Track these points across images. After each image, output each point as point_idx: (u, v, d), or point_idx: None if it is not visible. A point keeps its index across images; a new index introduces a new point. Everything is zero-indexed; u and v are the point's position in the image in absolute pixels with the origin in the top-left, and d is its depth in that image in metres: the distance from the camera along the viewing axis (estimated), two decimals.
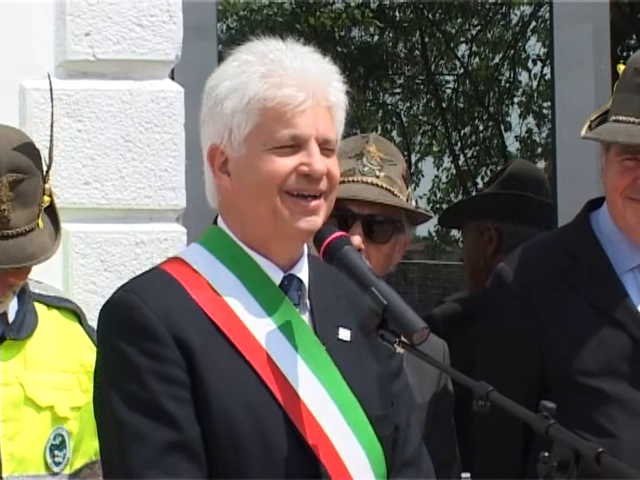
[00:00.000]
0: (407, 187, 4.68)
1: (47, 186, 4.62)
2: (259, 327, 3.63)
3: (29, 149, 4.61)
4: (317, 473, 3.58)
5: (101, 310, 3.70)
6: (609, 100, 4.64)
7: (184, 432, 3.54)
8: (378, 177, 4.53)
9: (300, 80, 3.61)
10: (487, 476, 4.54)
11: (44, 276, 4.82)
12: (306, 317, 3.71)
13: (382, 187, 4.53)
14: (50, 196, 4.70)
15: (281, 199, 3.58)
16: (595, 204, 4.67)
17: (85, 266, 5.11)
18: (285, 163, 3.58)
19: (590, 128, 4.60)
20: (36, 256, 4.57)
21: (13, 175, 4.53)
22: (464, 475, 4.70)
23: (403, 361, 4.26)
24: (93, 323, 4.28)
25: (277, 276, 3.64)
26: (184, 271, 3.69)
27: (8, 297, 4.57)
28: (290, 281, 3.68)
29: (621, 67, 4.69)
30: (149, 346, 3.57)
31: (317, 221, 3.60)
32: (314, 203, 3.59)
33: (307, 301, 3.72)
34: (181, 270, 3.69)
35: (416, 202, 5.01)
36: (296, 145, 3.58)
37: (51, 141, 4.81)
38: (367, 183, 4.45)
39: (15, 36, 4.93)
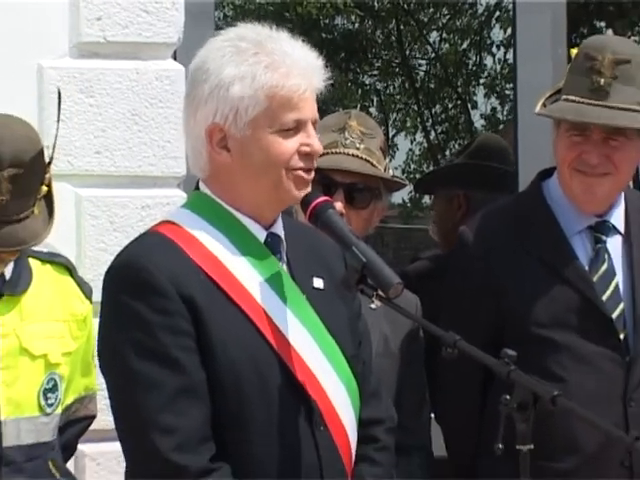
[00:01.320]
0: (385, 158, 4.67)
1: (47, 176, 4.60)
2: (250, 281, 3.64)
3: (32, 143, 4.58)
4: (308, 407, 3.59)
5: (107, 272, 3.70)
6: (562, 81, 4.63)
7: (192, 377, 3.54)
8: (359, 149, 4.51)
9: (302, 69, 3.63)
10: (450, 415, 4.55)
11: (59, 237, 4.79)
12: (285, 269, 3.73)
13: (362, 158, 4.51)
14: (48, 185, 4.64)
15: (286, 175, 3.61)
16: (546, 173, 4.67)
17: (96, 227, 5.09)
18: (289, 145, 3.60)
19: (544, 106, 4.61)
20: (27, 241, 4.55)
21: (14, 170, 4.50)
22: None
23: (380, 313, 4.31)
24: (101, 278, 4.07)
25: (261, 234, 3.66)
26: (179, 232, 3.68)
27: (0, 268, 4.56)
28: (272, 238, 3.70)
29: (574, 51, 4.65)
30: (158, 302, 3.57)
31: (309, 190, 3.66)
32: (310, 176, 3.64)
33: (284, 254, 3.73)
34: (176, 232, 3.69)
35: (393, 172, 5.03)
36: (297, 127, 3.60)
37: (56, 134, 4.66)
38: (349, 154, 4.43)
39: (33, 20, 4.91)
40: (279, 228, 3.74)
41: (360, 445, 3.75)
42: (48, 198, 4.60)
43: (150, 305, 3.58)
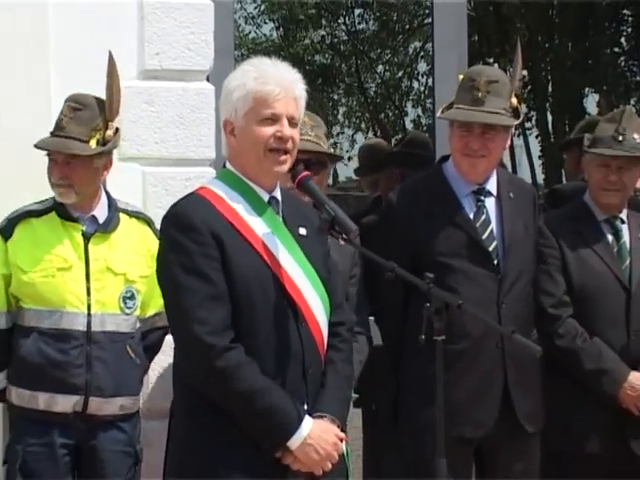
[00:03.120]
0: (327, 141, 4.61)
1: (108, 132, 4.48)
2: (257, 226, 3.61)
3: (98, 101, 4.49)
4: (294, 311, 3.57)
5: (164, 218, 3.68)
6: (454, 95, 4.61)
7: (218, 288, 3.52)
8: (310, 135, 4.44)
9: (278, 80, 3.58)
10: (385, 317, 4.49)
11: (130, 198, 4.74)
12: (281, 220, 3.67)
13: (313, 141, 4.46)
14: (107, 138, 4.50)
15: (264, 153, 3.57)
16: (445, 158, 4.62)
17: (155, 193, 5.01)
18: (267, 131, 3.56)
19: (442, 112, 4.58)
20: (70, 149, 4.43)
21: (74, 103, 4.44)
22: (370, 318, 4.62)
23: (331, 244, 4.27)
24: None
25: (265, 196, 3.62)
26: (210, 194, 3.65)
27: (68, 189, 4.45)
28: (272, 199, 3.66)
29: (461, 76, 4.60)
30: (195, 237, 3.54)
31: (284, 168, 3.61)
32: (283, 157, 3.59)
33: (280, 211, 3.69)
34: (209, 193, 3.65)
35: (334, 149, 5.04)
36: (274, 119, 3.55)
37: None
38: (303, 139, 4.30)
39: (114, 55, 4.69)
40: (278, 193, 3.68)
41: (329, 338, 3.70)
42: (109, 152, 4.47)
43: (190, 238, 3.55)
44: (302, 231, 3.71)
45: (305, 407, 3.51)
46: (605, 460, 4.51)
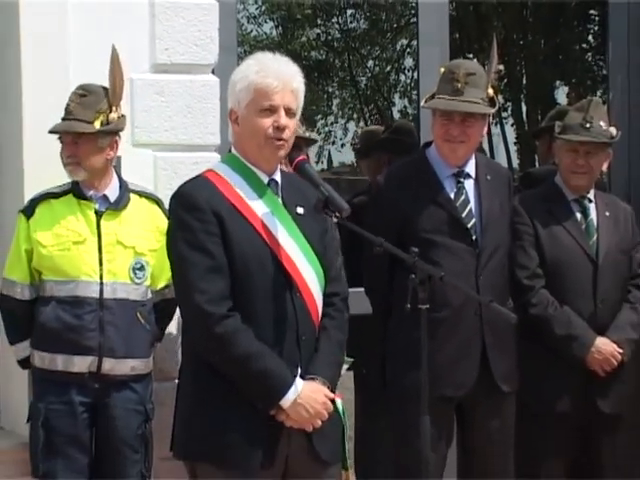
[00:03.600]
0: (303, 125, 4.57)
1: (112, 115, 4.46)
2: (257, 207, 3.59)
3: (103, 88, 4.47)
4: (289, 283, 3.55)
5: (172, 197, 3.66)
6: (436, 86, 4.61)
7: (218, 261, 3.50)
8: None
9: (276, 74, 3.56)
10: (373, 287, 4.46)
11: (143, 180, 4.74)
12: (280, 200, 3.65)
13: None
14: (111, 120, 4.47)
15: (264, 140, 3.54)
16: (428, 144, 4.61)
17: (165, 176, 4.93)
18: (266, 121, 3.53)
19: (425, 102, 4.54)
20: (74, 130, 4.40)
21: (81, 90, 4.41)
22: (358, 289, 4.51)
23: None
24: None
25: (265, 179, 3.60)
26: (215, 176, 3.64)
27: (77, 167, 4.44)
28: (272, 181, 3.64)
29: (442, 69, 4.60)
30: (199, 215, 3.52)
31: (282, 153, 3.58)
32: (279, 143, 3.54)
33: (280, 192, 3.66)
34: (213, 176, 3.64)
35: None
36: (272, 110, 3.52)
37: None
38: None
39: (127, 50, 4.73)
40: (277, 176, 3.65)
41: (324, 308, 3.68)
42: (113, 132, 4.43)
43: (194, 217, 3.53)
44: (300, 210, 3.65)
45: (299, 370, 3.49)
46: (574, 417, 4.49)
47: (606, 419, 4.51)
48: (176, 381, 4.33)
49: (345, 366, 4.04)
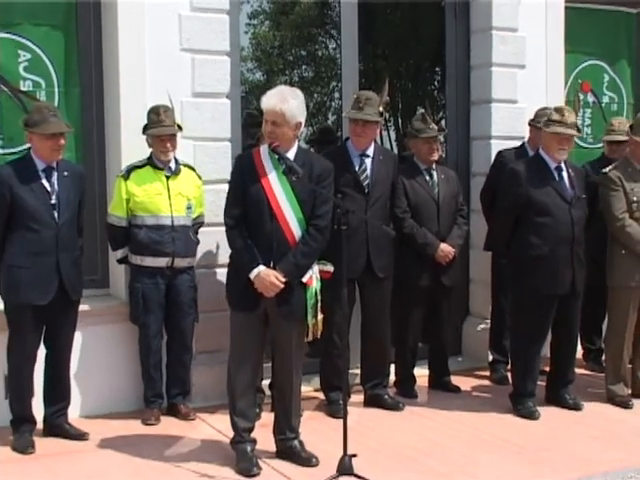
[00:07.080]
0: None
1: (178, 123, 5.16)
2: (269, 172, 4.26)
3: (171, 108, 5.17)
4: (273, 216, 4.21)
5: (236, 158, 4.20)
6: (350, 106, 5.35)
7: (239, 199, 4.28)
8: None
9: (270, 101, 4.21)
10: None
11: (186, 157, 5.59)
12: (282, 169, 4.25)
13: None
14: (178, 126, 5.27)
15: (267, 137, 4.24)
16: (347, 138, 5.44)
17: (200, 156, 5.82)
18: (266, 127, 4.21)
19: (346, 114, 5.31)
20: (168, 133, 5.16)
21: (165, 106, 5.20)
22: None
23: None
24: (201, 178, 5.39)
25: (276, 156, 4.23)
26: (257, 152, 4.28)
27: (170, 152, 5.26)
28: (280, 158, 4.22)
29: (354, 95, 5.47)
30: (235, 175, 4.35)
31: (273, 144, 4.19)
32: (269, 140, 4.23)
33: (284, 164, 4.21)
34: (256, 152, 4.28)
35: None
36: (267, 121, 4.21)
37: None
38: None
39: (173, 80, 5.62)
40: (289, 154, 4.17)
41: (303, 234, 4.22)
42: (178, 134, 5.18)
43: (233, 175, 4.32)
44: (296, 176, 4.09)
45: (266, 262, 4.21)
46: (427, 288, 5.89)
47: (445, 289, 5.92)
48: (211, 269, 5.49)
49: (327, 267, 4.51)
